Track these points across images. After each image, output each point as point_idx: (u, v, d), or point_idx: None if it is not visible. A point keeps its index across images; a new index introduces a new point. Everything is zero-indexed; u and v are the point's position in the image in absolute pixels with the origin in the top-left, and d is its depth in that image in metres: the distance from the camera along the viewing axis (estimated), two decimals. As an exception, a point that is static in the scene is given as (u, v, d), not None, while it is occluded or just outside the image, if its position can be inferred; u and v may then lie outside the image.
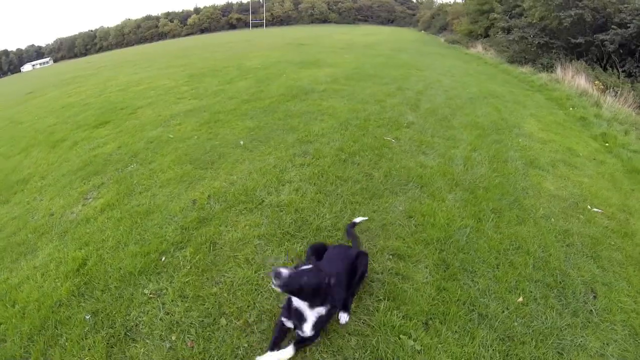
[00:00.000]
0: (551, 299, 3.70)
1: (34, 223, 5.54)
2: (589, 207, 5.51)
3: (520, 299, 3.65)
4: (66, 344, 3.33)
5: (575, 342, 3.27)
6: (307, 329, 2.89)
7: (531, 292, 3.76)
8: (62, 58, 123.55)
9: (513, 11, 26.79)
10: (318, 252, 3.57)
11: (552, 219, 5.06)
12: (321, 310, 2.86)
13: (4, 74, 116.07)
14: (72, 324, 3.52)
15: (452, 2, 59.71)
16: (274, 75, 14.18)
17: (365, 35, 43.34)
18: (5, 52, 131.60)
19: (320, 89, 11.41)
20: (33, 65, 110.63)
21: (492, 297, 3.65)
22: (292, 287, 2.71)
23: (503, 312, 3.49)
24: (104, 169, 6.86)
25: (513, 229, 4.74)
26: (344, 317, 3.24)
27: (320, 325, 2.94)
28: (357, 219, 4.39)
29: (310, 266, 2.83)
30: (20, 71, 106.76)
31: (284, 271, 2.66)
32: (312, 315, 2.87)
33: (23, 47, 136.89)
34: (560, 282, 3.94)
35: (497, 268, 4.04)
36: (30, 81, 37.31)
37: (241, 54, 23.68)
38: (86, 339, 3.34)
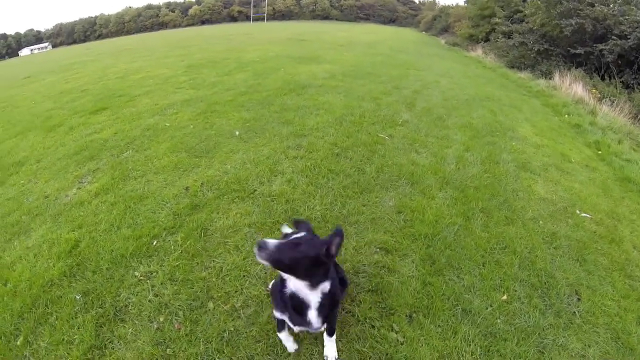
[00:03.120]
0: (535, 299, 3.74)
1: (28, 205, 5.57)
2: (578, 211, 5.54)
3: (505, 297, 3.69)
4: (56, 322, 3.39)
5: (557, 342, 3.32)
6: (313, 318, 2.38)
7: (515, 291, 3.81)
8: (61, 44, 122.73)
9: (514, 16, 26.76)
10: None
11: (541, 222, 5.10)
12: (325, 286, 2.32)
13: (2, 57, 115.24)
14: (62, 303, 3.58)
15: (454, 5, 59.38)
16: (272, 69, 14.17)
17: (366, 34, 43.20)
18: (4, 36, 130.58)
19: (318, 84, 11.41)
20: (31, 49, 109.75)
21: (476, 294, 3.70)
22: (282, 260, 2.12)
23: (486, 308, 3.54)
24: (100, 154, 6.88)
25: (501, 228, 4.78)
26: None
27: (328, 308, 2.42)
28: None
29: (303, 234, 2.36)
30: (18, 55, 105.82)
31: (271, 241, 2.13)
32: (315, 296, 2.33)
33: (22, 31, 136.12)
34: (545, 282, 3.98)
35: (483, 266, 4.09)
36: (28, 66, 37.04)
37: (241, 47, 23.59)
38: (76, 318, 3.40)
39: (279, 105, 8.99)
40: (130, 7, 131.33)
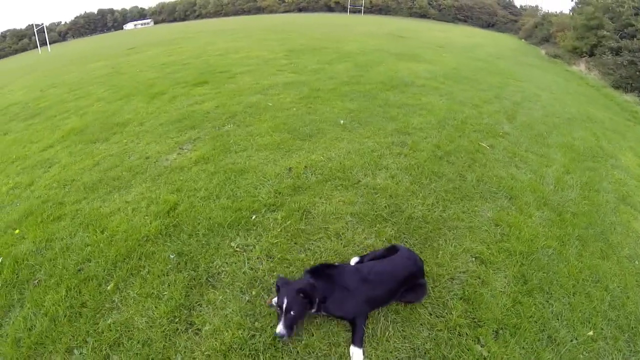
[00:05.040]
0: (620, 342, 3.54)
1: (129, 162, 5.97)
2: None
3: (591, 333, 3.53)
4: (148, 276, 3.64)
5: None
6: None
7: (602, 329, 3.62)
8: (162, 21, 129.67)
9: (625, 30, 24.86)
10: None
11: (637, 262, 4.78)
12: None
13: (108, 29, 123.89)
14: (155, 259, 3.83)
15: (557, 13, 56.01)
16: (373, 63, 14.16)
17: (464, 37, 41.94)
18: (111, 11, 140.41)
19: (419, 83, 11.32)
20: (135, 24, 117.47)
21: (563, 323, 3.57)
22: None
23: (572, 341, 3.40)
24: (201, 124, 7.21)
25: (595, 261, 4.54)
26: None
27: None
28: None
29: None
30: (122, 29, 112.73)
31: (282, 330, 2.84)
32: None
33: (127, 8, 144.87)
34: (633, 327, 3.75)
35: (573, 296, 3.92)
36: (132, 38, 39.22)
37: (339, 37, 23.73)
38: (167, 275, 3.63)
39: (382, 100, 9.02)
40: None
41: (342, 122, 7.30)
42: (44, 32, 65.45)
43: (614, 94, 19.08)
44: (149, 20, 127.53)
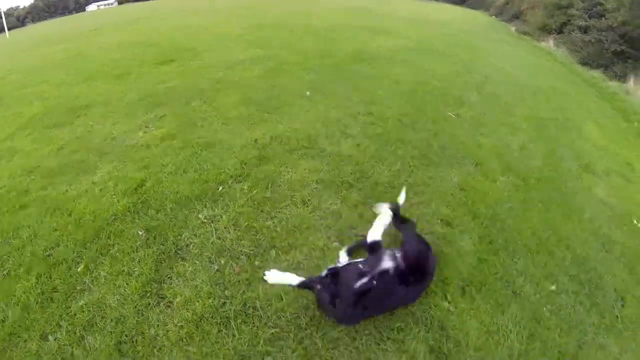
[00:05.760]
0: (581, 295, 3.73)
1: (95, 144, 5.84)
2: (635, 221, 5.34)
3: (553, 287, 3.71)
4: (117, 254, 3.62)
5: (597, 340, 3.34)
6: None
7: (564, 284, 3.80)
8: (127, 1, 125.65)
9: (593, 9, 25.18)
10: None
11: (597, 223, 4.98)
12: None
13: (69, 12, 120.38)
14: (125, 237, 3.80)
15: (528, -9, 56.28)
16: (341, 37, 14.02)
17: (435, 12, 41.28)
18: None
19: (388, 56, 11.29)
20: (98, 5, 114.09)
21: (527, 279, 3.72)
22: None
23: (535, 295, 3.57)
24: (167, 101, 7.12)
25: (558, 222, 4.73)
26: None
27: None
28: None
29: None
30: (85, 10, 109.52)
31: None
32: None
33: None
34: (593, 282, 3.94)
35: (537, 254, 4.09)
36: (95, 19, 37.97)
37: (307, 12, 23.31)
38: (137, 252, 3.61)
39: (349, 72, 9.02)
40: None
41: (308, 94, 7.29)
42: (1, 17, 63.16)
43: (581, 70, 19.21)
44: (112, 1, 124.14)
